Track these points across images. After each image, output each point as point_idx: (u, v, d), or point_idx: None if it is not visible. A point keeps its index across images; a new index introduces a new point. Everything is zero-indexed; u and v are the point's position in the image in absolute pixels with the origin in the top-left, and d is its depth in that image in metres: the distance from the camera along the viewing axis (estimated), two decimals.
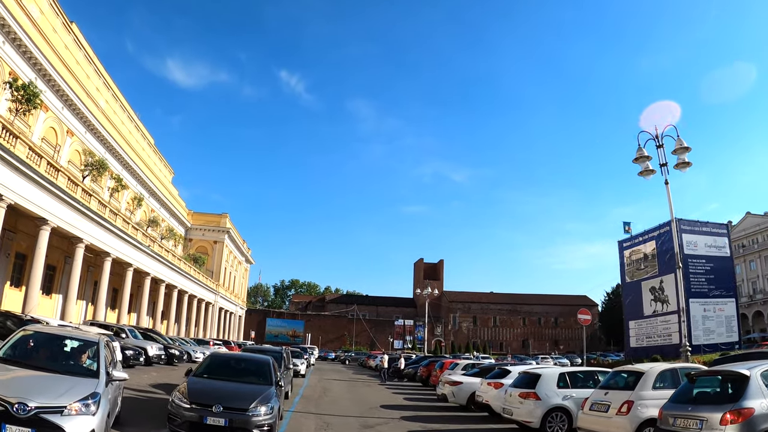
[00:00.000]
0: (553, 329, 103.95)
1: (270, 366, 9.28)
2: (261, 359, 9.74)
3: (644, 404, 8.34)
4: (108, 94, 39.98)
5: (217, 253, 61.04)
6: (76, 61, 33.82)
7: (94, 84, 37.28)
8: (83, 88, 32.97)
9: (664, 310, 35.61)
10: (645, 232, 39.01)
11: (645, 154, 16.42)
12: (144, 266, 35.09)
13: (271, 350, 15.65)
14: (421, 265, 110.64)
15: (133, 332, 24.25)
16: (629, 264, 40.51)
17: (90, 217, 26.37)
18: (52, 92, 29.79)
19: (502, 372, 13.98)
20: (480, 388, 14.18)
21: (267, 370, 9.13)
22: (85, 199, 25.91)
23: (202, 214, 62.27)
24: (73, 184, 24.74)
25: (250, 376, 9.06)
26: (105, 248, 28.79)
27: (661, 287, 36.23)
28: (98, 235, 27.61)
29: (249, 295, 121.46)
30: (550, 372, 11.46)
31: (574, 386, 11.14)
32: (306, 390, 19.03)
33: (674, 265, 35.49)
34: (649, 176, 16.71)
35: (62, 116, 31.52)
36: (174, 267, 41.39)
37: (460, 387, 15.47)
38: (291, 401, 14.55)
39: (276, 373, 9.33)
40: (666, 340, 34.28)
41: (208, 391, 7.95)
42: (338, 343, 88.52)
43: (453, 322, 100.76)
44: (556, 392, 10.87)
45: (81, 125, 33.70)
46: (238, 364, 9.75)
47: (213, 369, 9.14)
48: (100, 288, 29.39)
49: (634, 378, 9.04)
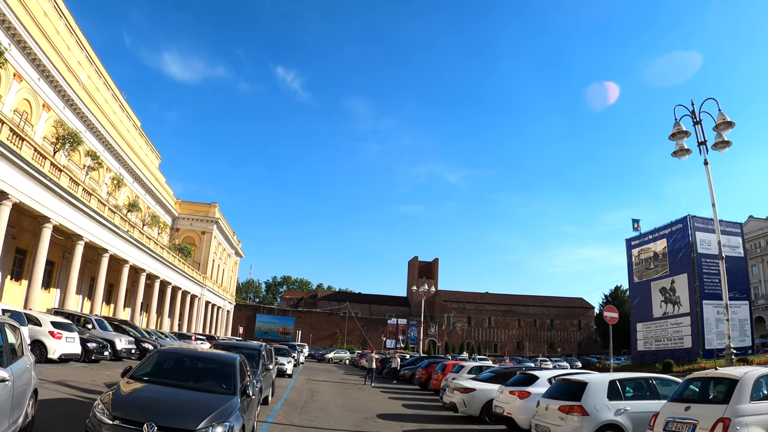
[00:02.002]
0: (549, 331, 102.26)
1: (235, 368, 6.86)
2: (224, 359, 7.32)
3: (744, 423, 6.09)
4: (91, 69, 37.36)
5: (205, 244, 58.35)
6: (56, 30, 31.24)
7: (76, 57, 34.67)
8: (62, 60, 30.41)
9: (676, 311, 33.94)
10: (655, 230, 37.25)
11: (683, 129, 14.13)
12: (122, 253, 32.53)
13: (247, 347, 13.17)
14: (416, 264, 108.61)
15: (102, 323, 21.81)
16: (638, 263, 38.72)
17: (59, 195, 23.86)
18: (28, 61, 27.26)
19: (528, 378, 11.66)
20: (498, 397, 11.87)
21: (230, 374, 6.72)
22: (54, 174, 23.39)
23: (190, 203, 59.53)
24: (40, 157, 22.24)
25: (207, 380, 6.68)
26: (77, 230, 26.27)
27: (672, 288, 34.64)
28: (70, 216, 25.09)
29: (240, 291, 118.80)
30: (598, 380, 9.17)
31: (627, 397, 8.92)
32: (291, 393, 16.64)
33: (687, 264, 34.12)
34: (685, 156, 14.47)
35: (38, 88, 28.98)
36: (156, 256, 38.81)
37: (472, 395, 13.13)
38: (271, 408, 12.18)
39: (244, 378, 6.99)
40: (677, 344, 32.60)
41: (142, 401, 5.60)
42: (330, 341, 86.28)
43: (447, 322, 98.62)
44: (606, 405, 8.61)
45: (59, 99, 31.11)
46: (193, 363, 7.24)
47: (158, 369, 6.78)
48: (71, 275, 26.85)
49: (725, 387, 6.72)
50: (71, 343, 16.31)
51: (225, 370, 6.85)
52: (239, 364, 7.06)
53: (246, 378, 7.19)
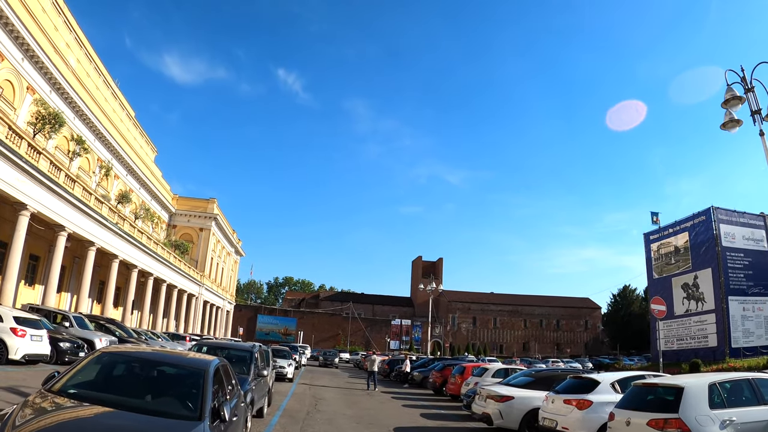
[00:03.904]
0: (555, 332, 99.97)
1: (206, 378, 4.57)
2: (192, 365, 5.01)
3: None
4: (80, 52, 35.21)
5: (203, 242, 56.03)
6: (42, 9, 29.14)
7: (64, 38, 32.55)
8: (49, 40, 28.29)
9: (699, 308, 31.96)
10: (676, 223, 35.23)
11: (736, 95, 11.84)
12: (111, 247, 30.31)
13: (237, 348, 10.66)
14: (420, 263, 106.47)
15: (81, 320, 19.61)
16: (657, 258, 36.67)
17: (37, 179, 21.69)
18: (10, 38, 25.12)
19: (586, 383, 9.37)
20: (547, 407, 9.64)
21: (197, 387, 4.45)
22: (32, 156, 21.23)
23: (187, 199, 57.20)
24: (16, 136, 20.09)
25: (164, 396, 4.45)
26: (59, 221, 24.09)
27: (695, 284, 32.64)
28: (49, 204, 22.90)
29: (241, 292, 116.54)
30: (697, 384, 6.92)
31: (731, 404, 6.78)
32: (292, 401, 14.39)
33: (711, 258, 32.02)
34: (735, 129, 12.25)
35: (22, 69, 26.88)
36: (149, 251, 36.58)
37: (510, 404, 10.89)
38: (267, 421, 9.94)
39: (220, 393, 4.79)
40: (701, 343, 30.60)
41: (58, 429, 3.45)
42: (332, 342, 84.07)
43: (452, 322, 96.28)
44: (710, 416, 6.45)
45: (45, 82, 28.96)
46: (146, 371, 4.93)
47: (95, 379, 4.59)
48: (52, 269, 24.66)
49: None
50: (38, 342, 14.13)
51: (190, 381, 4.58)
52: (213, 372, 4.75)
53: (223, 393, 4.95)
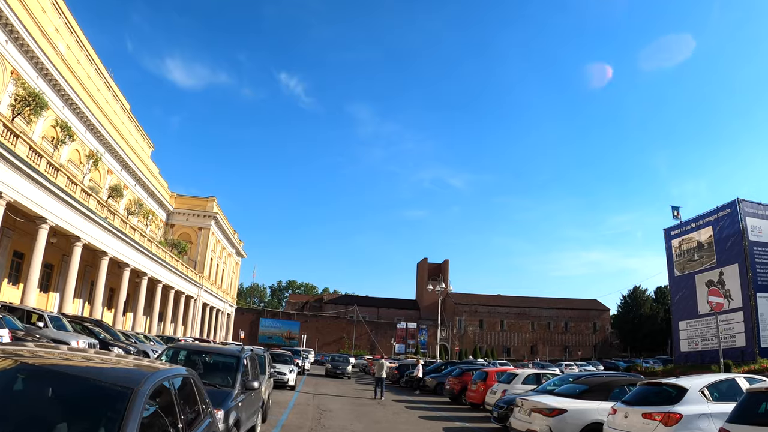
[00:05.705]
0: (563, 334, 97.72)
1: (127, 406, 2.40)
2: (113, 382, 2.67)
3: None
4: (71, 38, 33.29)
5: (202, 241, 53.91)
6: None
7: (54, 23, 30.70)
8: (36, 23, 26.42)
9: (726, 306, 29.98)
10: (699, 217, 33.46)
11: None
12: (100, 243, 28.31)
13: (220, 353, 8.31)
14: (425, 265, 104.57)
15: (58, 321, 17.55)
16: (678, 255, 34.82)
17: (19, 169, 19.77)
18: None
19: (671, 392, 7.25)
20: (616, 423, 7.51)
21: (112, 421, 2.31)
22: (9, 140, 19.27)
23: (185, 197, 55.12)
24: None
25: None
26: (40, 212, 22.09)
27: (720, 280, 30.69)
28: (26, 192, 20.92)
29: (244, 296, 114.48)
30: None
31: None
32: (292, 414, 12.25)
33: (737, 254, 29.90)
34: None
35: (5, 52, 25.00)
36: (143, 249, 34.55)
37: (562, 418, 8.75)
38: None
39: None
40: (728, 343, 28.81)
41: None
42: (336, 347, 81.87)
43: (459, 325, 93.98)
44: None
45: (30, 66, 27.07)
46: (40, 391, 2.59)
47: None
48: (32, 265, 22.63)
49: None
50: None
51: (104, 409, 2.51)
52: (146, 393, 2.62)
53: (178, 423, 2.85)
